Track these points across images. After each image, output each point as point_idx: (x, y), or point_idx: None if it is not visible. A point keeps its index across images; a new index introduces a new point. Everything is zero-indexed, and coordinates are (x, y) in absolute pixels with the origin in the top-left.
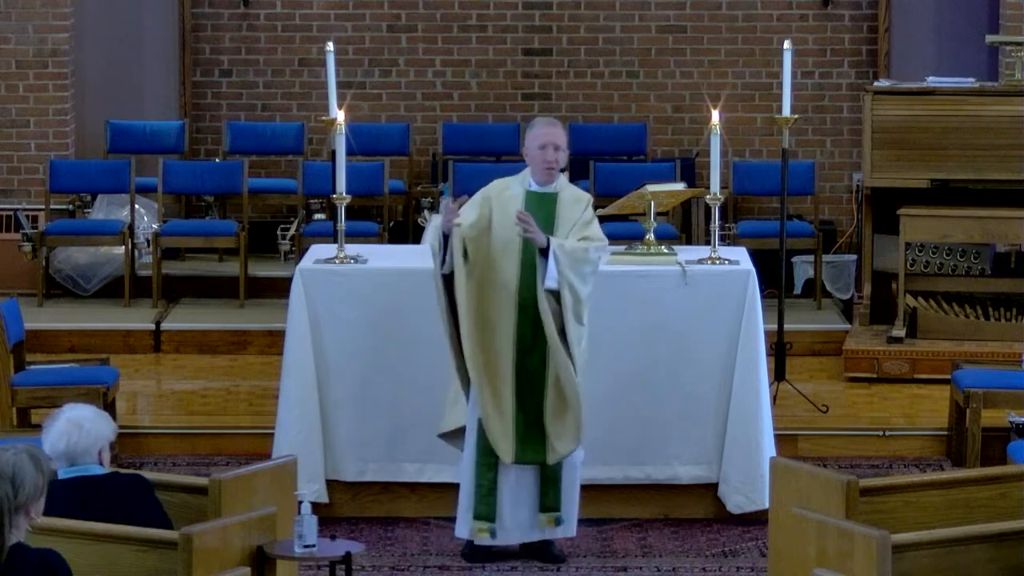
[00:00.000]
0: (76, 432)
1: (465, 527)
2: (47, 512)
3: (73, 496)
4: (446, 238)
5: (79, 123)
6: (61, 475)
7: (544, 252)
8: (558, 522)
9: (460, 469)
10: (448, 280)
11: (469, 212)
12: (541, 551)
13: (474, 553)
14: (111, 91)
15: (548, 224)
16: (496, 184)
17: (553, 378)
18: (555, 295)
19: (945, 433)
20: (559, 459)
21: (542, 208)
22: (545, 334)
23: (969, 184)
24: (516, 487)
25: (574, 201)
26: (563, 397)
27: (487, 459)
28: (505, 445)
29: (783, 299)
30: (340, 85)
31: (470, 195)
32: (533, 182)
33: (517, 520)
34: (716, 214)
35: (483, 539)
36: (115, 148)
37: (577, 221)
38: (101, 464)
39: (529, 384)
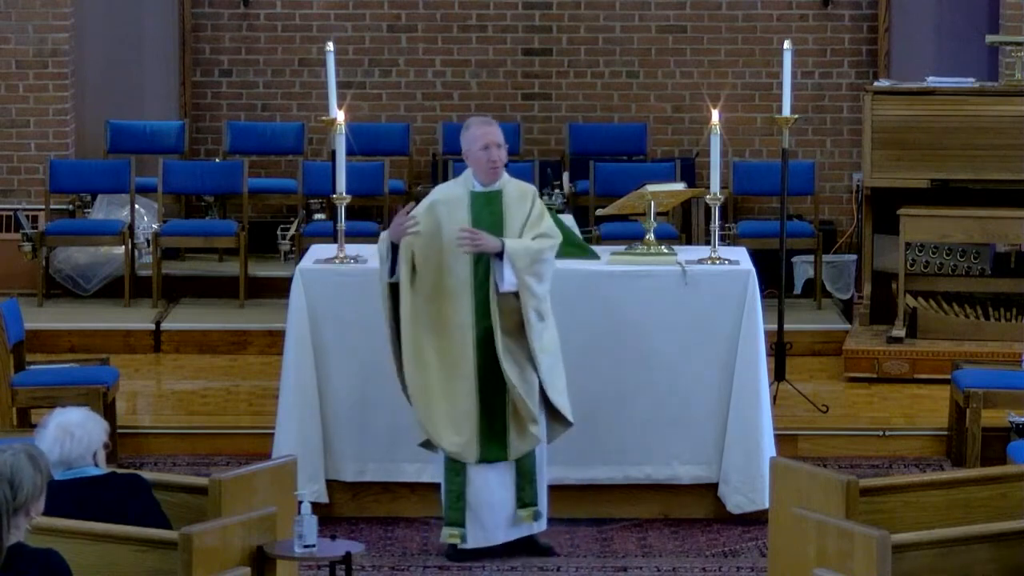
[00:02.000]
0: (68, 440)
1: (443, 532)
2: (46, 513)
3: (71, 496)
4: (395, 246)
5: (79, 123)
6: (58, 477)
7: (499, 255)
8: (535, 516)
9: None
10: (395, 288)
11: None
12: (526, 546)
13: (457, 552)
14: (111, 91)
15: (496, 222)
16: (441, 188)
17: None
18: (513, 293)
19: (945, 433)
20: (521, 454)
21: (489, 207)
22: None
23: (969, 184)
24: (490, 486)
25: (520, 196)
26: (518, 396)
27: (452, 463)
28: (468, 447)
29: (783, 299)
30: (340, 85)
31: (417, 201)
32: (476, 183)
33: (498, 519)
34: (716, 214)
35: (455, 543)
36: (115, 148)
37: (528, 217)
38: (96, 465)
39: (492, 383)
